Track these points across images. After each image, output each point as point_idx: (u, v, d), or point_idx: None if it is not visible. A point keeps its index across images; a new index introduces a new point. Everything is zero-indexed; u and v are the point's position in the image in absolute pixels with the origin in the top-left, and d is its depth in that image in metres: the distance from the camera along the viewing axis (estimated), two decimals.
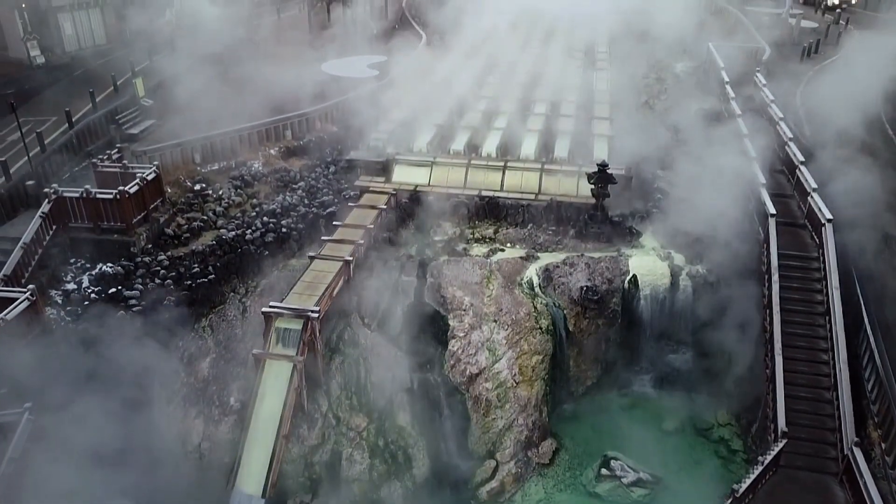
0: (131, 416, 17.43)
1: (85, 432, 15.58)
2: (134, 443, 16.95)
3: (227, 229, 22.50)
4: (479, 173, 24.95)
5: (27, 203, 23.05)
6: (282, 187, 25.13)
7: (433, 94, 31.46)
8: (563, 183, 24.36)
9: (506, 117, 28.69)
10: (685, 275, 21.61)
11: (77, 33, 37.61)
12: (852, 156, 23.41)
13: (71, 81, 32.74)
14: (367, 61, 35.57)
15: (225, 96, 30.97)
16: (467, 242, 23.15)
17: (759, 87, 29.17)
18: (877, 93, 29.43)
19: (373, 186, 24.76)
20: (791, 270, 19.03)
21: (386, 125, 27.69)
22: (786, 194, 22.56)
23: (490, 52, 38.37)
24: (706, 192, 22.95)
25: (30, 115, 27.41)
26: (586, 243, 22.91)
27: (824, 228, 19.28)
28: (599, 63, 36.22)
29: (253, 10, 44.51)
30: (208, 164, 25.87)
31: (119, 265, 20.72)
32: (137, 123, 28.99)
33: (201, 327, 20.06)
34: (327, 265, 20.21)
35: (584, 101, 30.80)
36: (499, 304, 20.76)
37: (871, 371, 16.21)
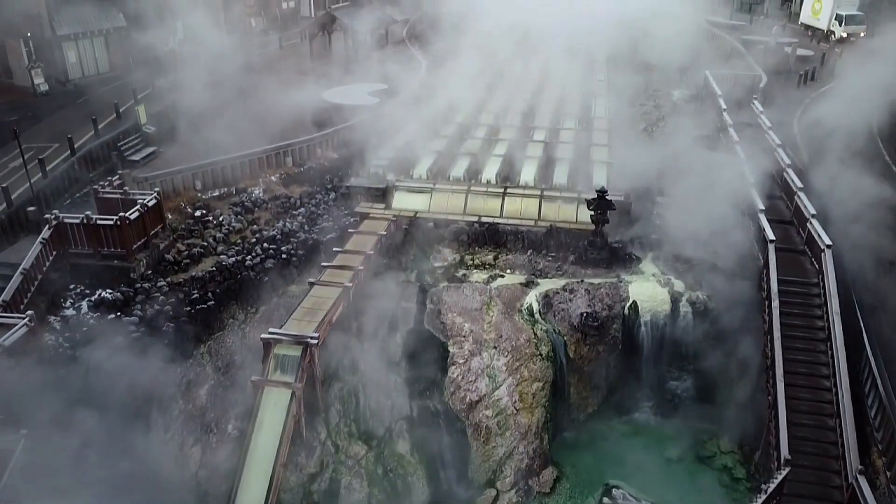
0: (129, 444, 17.27)
1: (81, 459, 15.42)
2: (131, 470, 16.75)
3: (227, 255, 22.51)
4: (478, 200, 25.05)
5: (27, 229, 23.10)
6: (282, 213, 25.20)
7: (433, 121, 31.74)
8: (563, 209, 24.45)
9: (505, 144, 28.89)
10: (685, 301, 21.57)
11: (81, 61, 38.05)
12: (850, 181, 23.51)
13: (74, 108, 33.07)
14: (368, 89, 35.91)
15: (227, 123, 31.22)
16: (467, 268, 23.16)
17: (756, 114, 29.41)
18: (873, 119, 29.72)
19: (373, 213, 24.84)
20: (791, 296, 19.01)
21: (386, 152, 27.86)
22: (785, 220, 22.62)
23: (490, 79, 38.79)
24: (705, 218, 23.02)
25: (32, 142, 27.63)
26: (586, 269, 22.91)
27: (824, 254, 19.30)
28: (598, 91, 36.57)
29: (255, 39, 45.15)
30: (209, 191, 25.98)
31: (118, 291, 20.69)
32: (139, 150, 29.22)
33: (200, 354, 19.97)
34: (327, 291, 20.19)
35: (582, 128, 31.07)
36: (499, 330, 20.70)
37: (873, 397, 16.10)
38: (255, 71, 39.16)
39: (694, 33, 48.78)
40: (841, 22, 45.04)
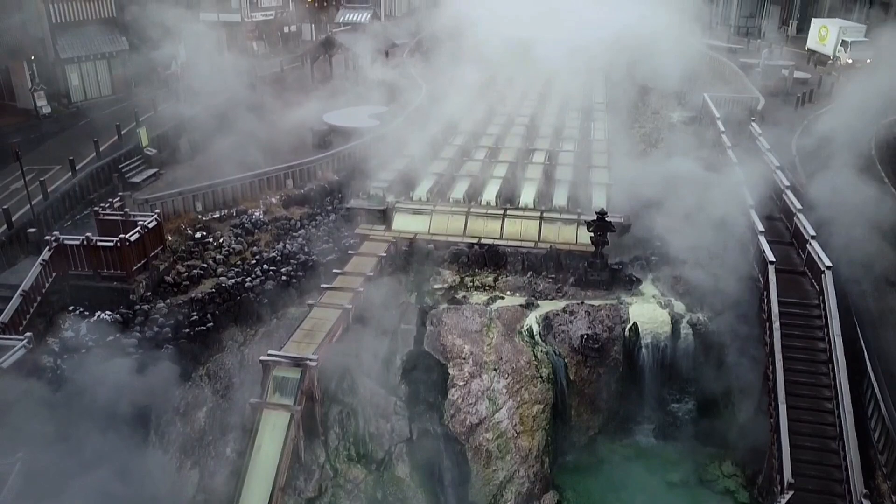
0: (126, 466, 17.09)
1: (78, 482, 15.27)
2: (128, 493, 16.57)
3: (227, 277, 22.49)
4: (478, 221, 25.09)
5: (28, 250, 23.11)
6: (282, 235, 25.23)
7: (433, 143, 31.92)
8: (563, 231, 24.48)
9: (505, 166, 29.02)
10: (686, 323, 21.52)
11: (83, 84, 38.35)
12: (849, 203, 23.56)
13: (76, 130, 33.26)
14: (368, 111, 36.13)
15: (228, 145, 31.41)
16: (467, 290, 23.12)
17: (755, 136, 29.56)
18: (871, 140, 29.89)
19: (373, 234, 24.86)
20: (792, 318, 18.94)
21: (386, 174, 27.98)
22: (784, 241, 22.62)
23: (490, 102, 39.07)
24: (705, 239, 23.04)
25: (34, 164, 27.74)
26: (586, 291, 22.89)
27: (824, 275, 19.26)
28: (597, 113, 36.81)
29: (257, 62, 45.52)
30: (209, 213, 26.02)
31: (118, 313, 20.65)
32: (140, 172, 29.35)
33: (199, 376, 19.85)
34: (326, 313, 20.15)
35: (582, 149, 31.25)
36: (499, 352, 20.62)
37: (876, 420, 15.99)
38: (257, 94, 39.45)
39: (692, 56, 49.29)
40: (846, 48, 44.22)
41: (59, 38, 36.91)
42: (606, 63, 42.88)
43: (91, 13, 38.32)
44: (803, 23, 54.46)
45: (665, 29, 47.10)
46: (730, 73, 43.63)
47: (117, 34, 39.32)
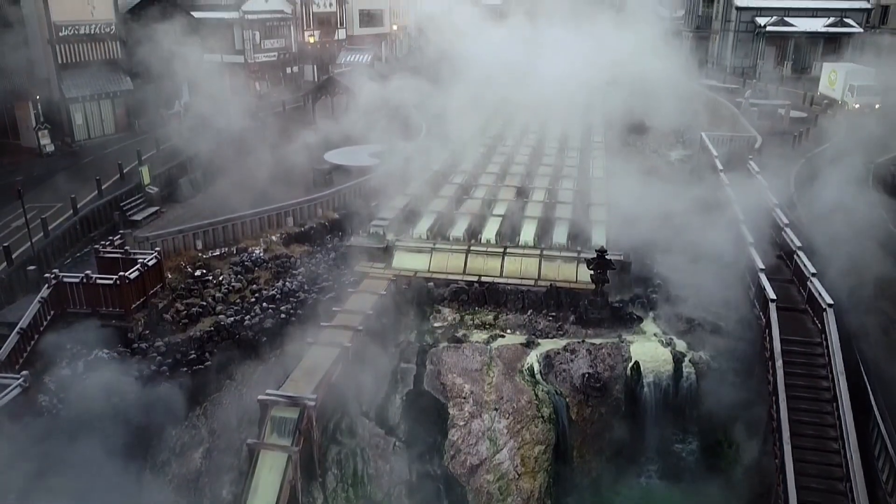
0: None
1: None
2: None
3: (226, 315, 22.40)
4: (478, 259, 25.09)
5: (27, 288, 23.05)
6: (282, 273, 25.21)
7: (433, 182, 32.14)
8: (563, 269, 24.46)
9: (505, 204, 29.16)
10: (688, 361, 21.36)
11: (87, 123, 38.79)
12: (849, 238, 23.60)
13: (79, 169, 33.49)
14: (369, 150, 36.47)
15: (229, 184, 31.64)
16: (467, 328, 23.01)
17: (753, 174, 29.76)
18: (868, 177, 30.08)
19: (372, 272, 24.84)
20: (795, 356, 18.77)
21: (386, 212, 28.10)
22: (785, 279, 22.57)
23: (490, 140, 39.49)
24: (705, 277, 23.01)
25: (36, 202, 27.88)
26: (587, 329, 22.77)
27: (826, 313, 19.17)
28: (595, 151, 37.14)
29: (259, 102, 46.14)
30: (210, 251, 26.05)
31: (115, 351, 20.49)
32: (141, 210, 29.47)
33: (195, 416, 19.63)
34: (326, 352, 19.99)
35: (581, 188, 31.43)
36: (499, 391, 20.41)
37: (884, 461, 15.72)
38: (259, 133, 39.87)
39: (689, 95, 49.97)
40: (853, 92, 43.02)
41: (65, 78, 37.45)
42: (604, 102, 43.48)
43: (97, 54, 38.94)
44: (798, 63, 55.39)
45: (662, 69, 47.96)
46: (727, 112, 44.19)
47: (122, 74, 39.92)
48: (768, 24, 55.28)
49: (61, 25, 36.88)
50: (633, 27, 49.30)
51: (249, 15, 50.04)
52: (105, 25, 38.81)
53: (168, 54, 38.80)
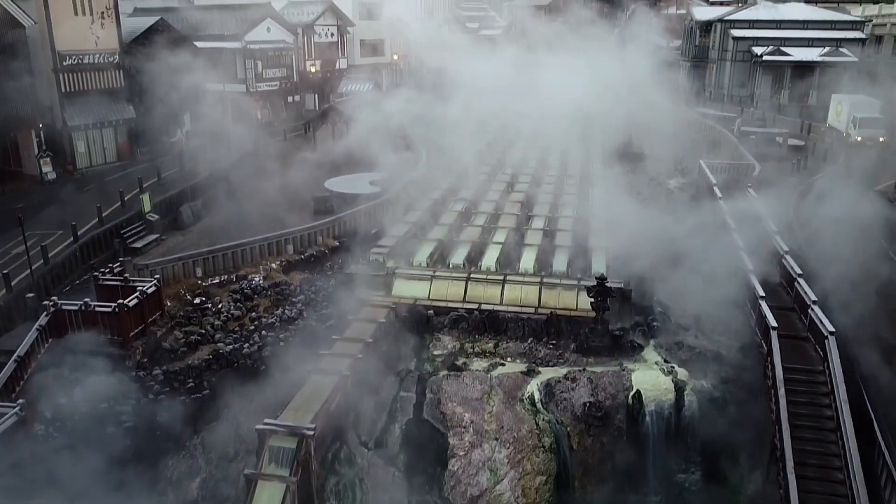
0: None
1: None
2: None
3: (225, 343, 22.30)
4: (478, 287, 25.04)
5: (25, 315, 22.98)
6: (281, 301, 25.15)
7: (433, 209, 32.22)
8: (563, 296, 24.39)
9: (505, 232, 29.20)
10: (690, 390, 21.18)
11: (89, 151, 38.99)
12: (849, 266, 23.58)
13: (80, 196, 33.60)
14: (369, 178, 36.62)
15: (230, 211, 31.70)
16: (467, 357, 22.86)
17: (751, 202, 29.85)
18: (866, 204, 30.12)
19: (372, 300, 24.76)
20: (797, 384, 18.64)
21: (386, 239, 28.12)
22: (786, 307, 22.49)
23: (489, 168, 39.67)
24: (706, 305, 22.93)
25: (37, 229, 27.91)
26: (588, 357, 22.63)
27: (827, 341, 19.08)
28: (595, 179, 37.30)
29: (260, 131, 46.47)
30: (209, 278, 26.01)
31: (113, 379, 20.32)
32: (141, 237, 29.50)
33: (193, 445, 19.42)
34: (324, 380, 19.84)
35: (581, 215, 31.49)
36: (500, 420, 20.21)
37: (890, 490, 15.52)
38: (259, 161, 40.10)
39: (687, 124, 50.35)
40: (856, 125, 41.36)
41: (67, 107, 37.75)
42: (603, 130, 43.79)
43: (100, 83, 39.30)
44: (795, 91, 55.91)
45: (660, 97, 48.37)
46: (725, 140, 44.48)
47: (124, 102, 40.24)
48: (764, 54, 55.90)
49: (65, 55, 37.28)
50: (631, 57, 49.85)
51: (252, 45, 50.64)
52: (109, 55, 39.22)
53: (170, 83, 39.20)
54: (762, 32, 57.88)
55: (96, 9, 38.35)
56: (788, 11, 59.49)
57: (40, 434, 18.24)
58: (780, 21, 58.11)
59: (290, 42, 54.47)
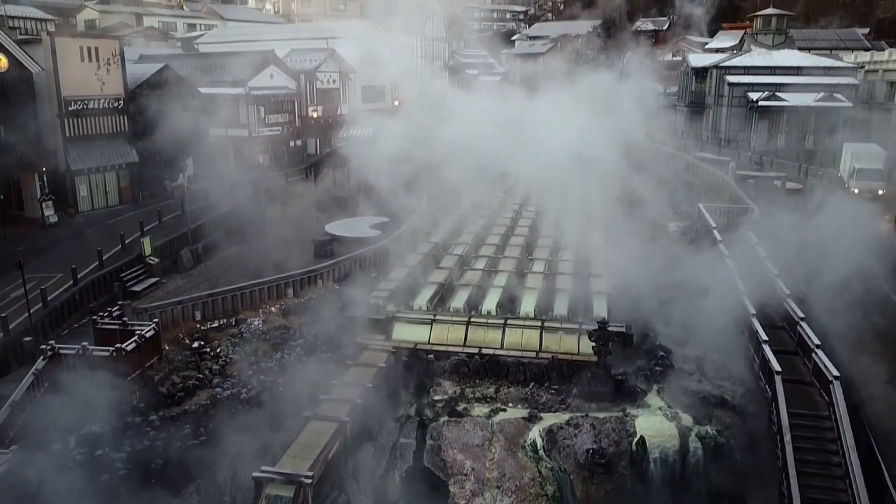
0: None
1: None
2: None
3: (223, 388, 22.04)
4: (479, 331, 24.88)
5: (22, 359, 22.79)
6: (280, 345, 24.95)
7: (434, 253, 32.25)
8: (564, 341, 24.22)
9: (505, 275, 29.17)
10: (694, 436, 20.85)
11: (91, 194, 39.22)
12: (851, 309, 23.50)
13: (81, 240, 33.67)
14: (370, 221, 36.75)
15: (230, 255, 31.71)
16: (468, 402, 22.57)
17: (752, 245, 29.87)
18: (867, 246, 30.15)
19: (372, 344, 24.58)
20: (803, 430, 18.37)
21: (386, 283, 28.07)
22: (789, 350, 22.34)
23: (490, 213, 39.86)
24: (708, 349, 22.77)
25: (37, 272, 27.87)
26: (590, 403, 22.33)
27: (832, 385, 18.88)
28: (594, 222, 37.41)
29: (262, 175, 46.83)
30: (208, 322, 25.88)
31: (108, 425, 20.02)
32: (141, 281, 29.45)
33: (188, 493, 19.02)
34: (323, 426, 19.55)
35: (581, 258, 31.50)
36: (501, 468, 19.85)
37: None
38: (261, 205, 40.32)
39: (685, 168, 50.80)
40: (854, 176, 39.85)
41: (71, 151, 38.11)
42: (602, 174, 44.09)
43: (104, 127, 39.75)
44: (791, 136, 56.53)
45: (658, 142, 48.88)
46: (723, 184, 44.79)
47: (128, 147, 40.63)
48: (760, 99, 56.72)
49: (71, 100, 37.80)
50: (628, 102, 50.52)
51: (255, 91, 51.41)
52: (114, 100, 39.77)
53: (174, 128, 39.67)
54: (757, 78, 58.83)
55: (102, 55, 39.04)
56: (782, 58, 60.55)
57: (33, 481, 17.85)
58: (775, 67, 59.12)
59: (293, 88, 55.32)
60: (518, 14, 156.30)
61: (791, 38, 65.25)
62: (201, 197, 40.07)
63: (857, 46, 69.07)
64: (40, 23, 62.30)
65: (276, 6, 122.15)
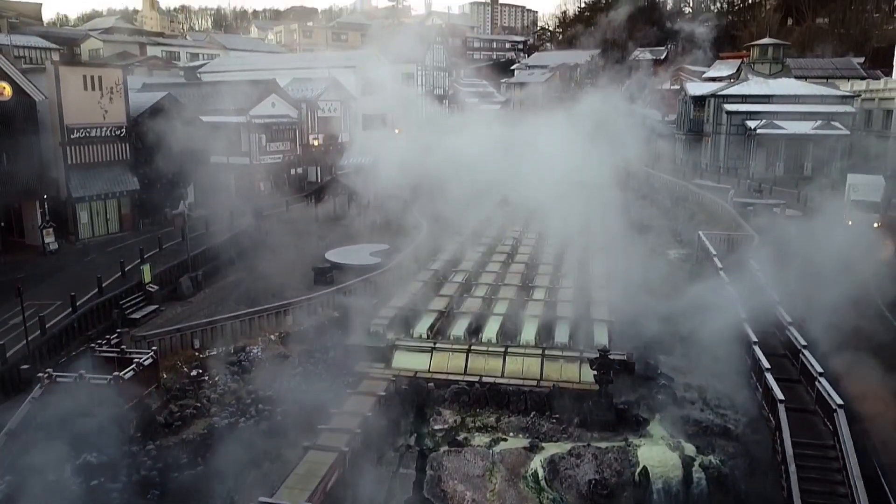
0: None
1: None
2: None
3: (221, 417, 21.83)
4: (479, 359, 24.72)
5: (19, 387, 22.60)
6: (279, 373, 24.75)
7: (434, 281, 32.20)
8: (565, 369, 24.05)
9: (506, 303, 29.06)
10: (698, 466, 20.58)
11: (92, 222, 39.27)
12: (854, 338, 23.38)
13: (81, 267, 33.61)
14: (370, 249, 36.75)
15: (230, 282, 31.63)
16: (468, 431, 22.32)
17: (753, 273, 29.83)
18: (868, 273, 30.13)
19: (372, 372, 24.41)
20: (808, 459, 18.15)
21: (386, 311, 27.97)
22: (792, 379, 22.18)
23: (489, 240, 39.88)
24: (710, 377, 22.59)
25: (36, 299, 27.78)
26: (592, 432, 22.08)
27: (836, 414, 18.71)
28: (595, 250, 37.41)
29: (263, 202, 46.99)
30: (207, 350, 25.72)
31: (104, 455, 19.78)
32: (140, 308, 29.33)
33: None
34: (322, 456, 19.31)
35: (582, 286, 31.42)
36: (502, 499, 19.55)
37: None
38: (261, 232, 40.38)
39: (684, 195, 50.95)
40: (849, 207, 38.72)
41: (73, 178, 38.24)
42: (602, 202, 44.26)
43: (106, 155, 39.94)
44: (789, 163, 56.87)
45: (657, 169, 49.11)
46: (723, 211, 44.89)
47: (129, 174, 40.79)
48: (758, 128, 57.14)
49: (73, 128, 38.05)
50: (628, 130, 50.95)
51: (256, 119, 51.81)
52: (116, 128, 40.03)
53: (175, 156, 39.89)
54: (755, 107, 59.37)
55: (105, 84, 39.39)
56: (779, 87, 61.16)
57: None
58: (772, 96, 59.69)
59: (294, 116, 55.77)
60: (517, 44, 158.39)
61: (788, 66, 65.99)
62: (202, 224, 40.12)
63: (853, 75, 69.90)
64: (45, 52, 63.03)
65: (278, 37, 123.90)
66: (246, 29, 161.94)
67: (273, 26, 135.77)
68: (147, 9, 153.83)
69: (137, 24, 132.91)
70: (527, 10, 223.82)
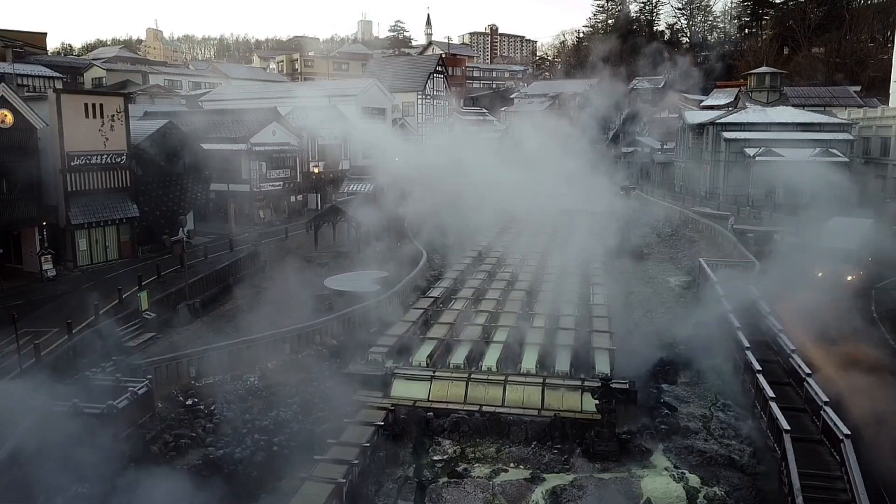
0: None
1: None
2: None
3: (216, 447, 21.44)
4: (479, 388, 24.37)
5: None
6: (276, 402, 24.41)
7: (433, 308, 31.96)
8: (567, 398, 23.68)
9: (506, 331, 28.79)
10: (703, 497, 20.14)
11: (91, 248, 39.09)
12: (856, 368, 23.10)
13: (79, 294, 33.36)
14: (370, 276, 36.56)
15: (228, 310, 31.38)
16: (468, 462, 21.88)
17: (755, 300, 29.61)
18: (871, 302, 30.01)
19: (370, 401, 24.03)
20: (815, 491, 17.73)
21: (385, 339, 27.69)
22: (797, 407, 21.84)
23: (490, 268, 39.71)
24: (713, 406, 22.26)
25: (32, 326, 27.50)
26: (594, 463, 21.66)
27: (843, 444, 18.35)
28: (595, 278, 37.22)
29: (262, 229, 46.95)
30: (203, 378, 25.41)
31: (97, 486, 19.38)
32: (137, 336, 29.05)
33: None
34: (318, 488, 18.87)
35: (582, 314, 31.18)
36: None
37: None
38: (260, 260, 40.25)
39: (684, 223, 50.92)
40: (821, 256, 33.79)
41: (72, 205, 38.17)
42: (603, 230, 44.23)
43: (106, 182, 39.93)
44: (789, 190, 56.86)
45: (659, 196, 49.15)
46: (723, 238, 44.82)
47: (129, 201, 40.72)
48: (757, 155, 57.29)
49: (74, 155, 38.08)
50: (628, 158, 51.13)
51: (257, 147, 51.96)
52: (116, 155, 40.08)
53: (175, 183, 39.92)
54: (753, 134, 59.60)
55: (107, 112, 39.52)
56: (777, 115, 61.49)
57: None
58: (770, 123, 59.96)
59: (295, 144, 55.96)
60: (516, 73, 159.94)
61: (785, 95, 66.42)
62: (201, 251, 40.01)
63: (850, 103, 70.32)
64: (48, 80, 63.44)
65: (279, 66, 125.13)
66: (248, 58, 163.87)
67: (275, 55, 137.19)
68: (150, 39, 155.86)
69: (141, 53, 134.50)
70: (526, 40, 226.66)
